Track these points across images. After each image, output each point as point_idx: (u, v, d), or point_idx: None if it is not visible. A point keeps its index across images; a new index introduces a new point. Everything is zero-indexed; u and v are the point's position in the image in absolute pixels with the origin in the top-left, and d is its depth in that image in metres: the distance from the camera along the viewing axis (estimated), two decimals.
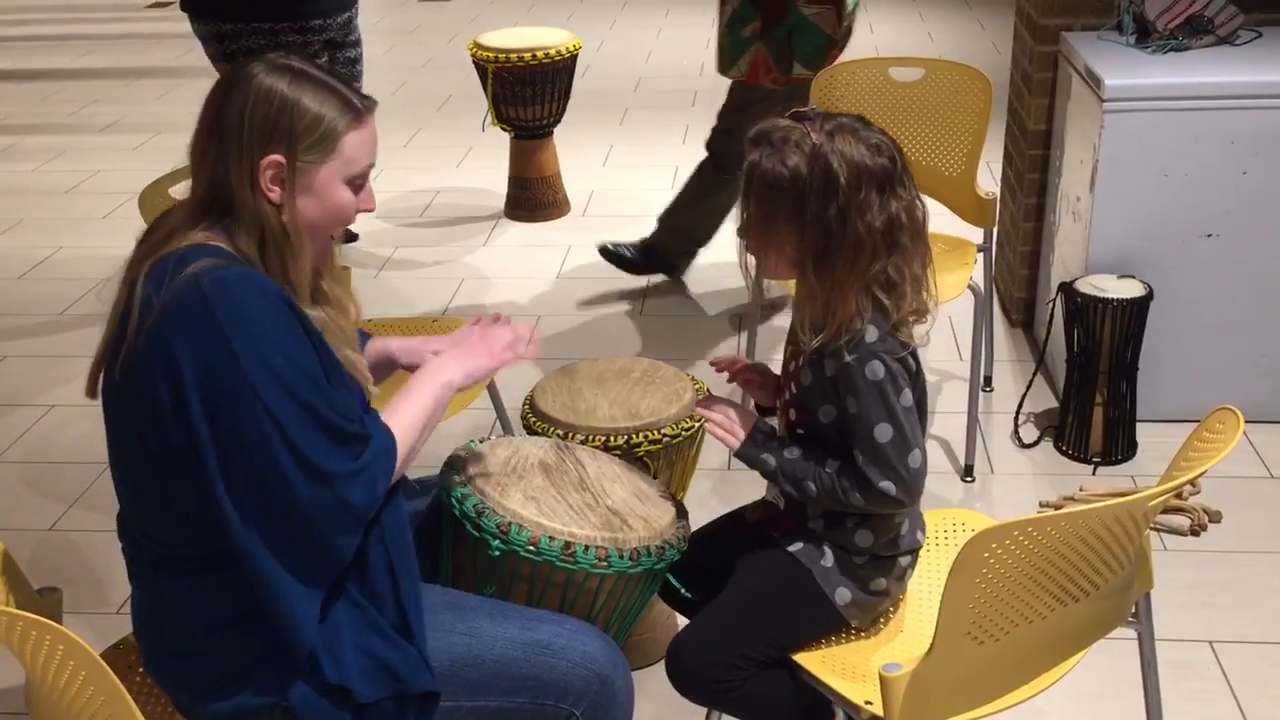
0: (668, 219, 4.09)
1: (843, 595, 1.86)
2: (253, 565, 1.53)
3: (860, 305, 1.75)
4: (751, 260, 1.85)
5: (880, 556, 1.87)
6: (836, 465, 1.79)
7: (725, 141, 3.83)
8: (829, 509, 1.84)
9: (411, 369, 1.91)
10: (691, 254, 4.15)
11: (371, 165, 1.65)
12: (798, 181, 1.72)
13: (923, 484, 1.79)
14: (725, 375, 2.02)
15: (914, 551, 1.92)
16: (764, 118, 1.79)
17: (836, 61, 3.52)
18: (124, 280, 1.59)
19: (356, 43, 3.74)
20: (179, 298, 1.50)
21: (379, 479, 1.59)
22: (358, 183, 1.64)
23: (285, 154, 1.56)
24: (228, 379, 1.48)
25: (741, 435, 1.87)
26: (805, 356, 1.82)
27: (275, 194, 1.57)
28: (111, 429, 1.62)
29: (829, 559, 1.86)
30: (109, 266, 4.48)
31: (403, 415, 1.68)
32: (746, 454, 1.87)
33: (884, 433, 1.75)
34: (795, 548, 1.88)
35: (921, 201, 1.81)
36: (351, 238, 4.71)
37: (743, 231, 1.82)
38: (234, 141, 1.55)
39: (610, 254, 4.16)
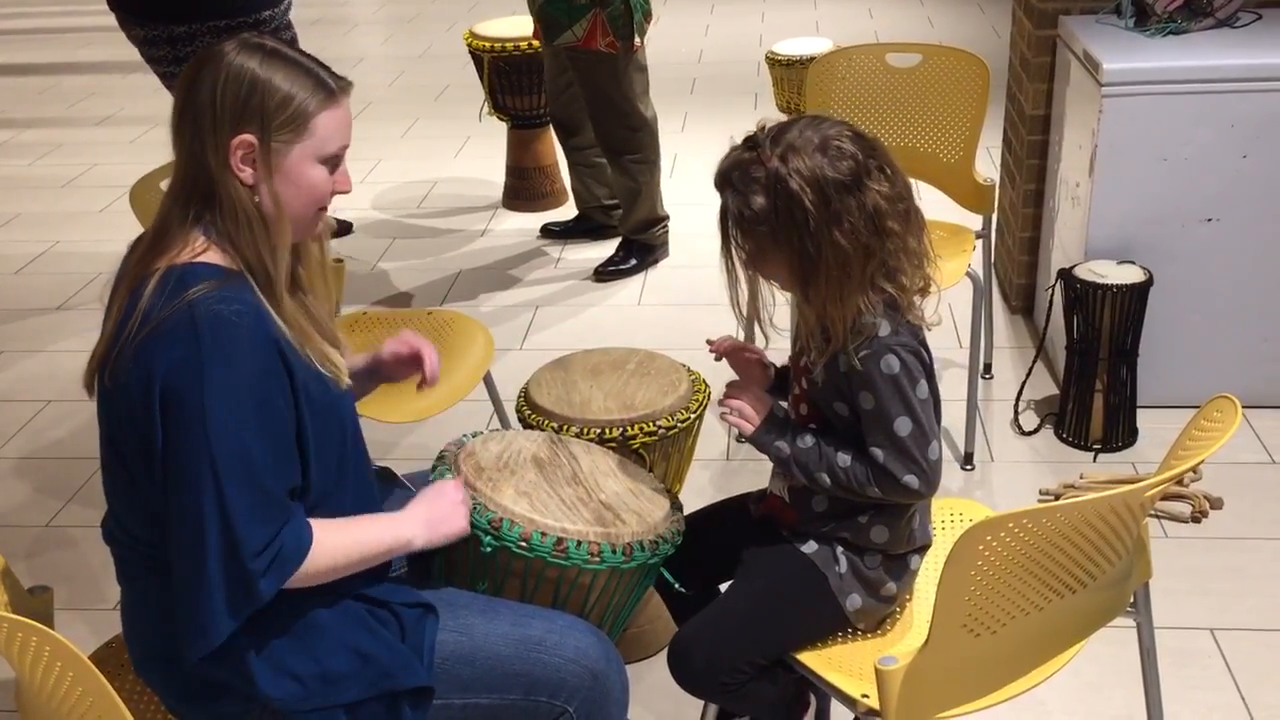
0: (625, 219, 4.26)
1: (854, 602, 1.84)
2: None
3: (868, 303, 1.72)
4: (743, 293, 1.80)
5: (892, 556, 1.84)
6: (850, 456, 1.77)
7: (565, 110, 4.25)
8: (841, 499, 1.81)
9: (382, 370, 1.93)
10: (664, 222, 4.32)
11: (346, 146, 1.63)
12: (766, 219, 1.69)
13: (940, 475, 1.77)
14: (715, 355, 1.99)
15: (925, 549, 1.89)
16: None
17: (833, 48, 3.49)
18: (124, 281, 1.57)
19: (290, 24, 3.73)
20: (172, 318, 1.49)
21: (285, 568, 1.53)
22: (332, 163, 1.62)
23: (257, 134, 1.54)
24: (189, 408, 1.47)
25: (757, 420, 1.84)
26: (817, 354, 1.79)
27: (246, 174, 1.56)
28: (100, 427, 1.61)
29: (843, 565, 1.83)
30: (105, 261, 4.51)
31: (347, 532, 1.62)
32: (760, 440, 1.84)
33: (904, 426, 1.72)
34: (809, 549, 1.85)
35: (901, 175, 1.75)
36: (346, 229, 4.69)
37: (743, 265, 1.78)
38: (207, 121, 1.54)
39: (606, 273, 4.23)
